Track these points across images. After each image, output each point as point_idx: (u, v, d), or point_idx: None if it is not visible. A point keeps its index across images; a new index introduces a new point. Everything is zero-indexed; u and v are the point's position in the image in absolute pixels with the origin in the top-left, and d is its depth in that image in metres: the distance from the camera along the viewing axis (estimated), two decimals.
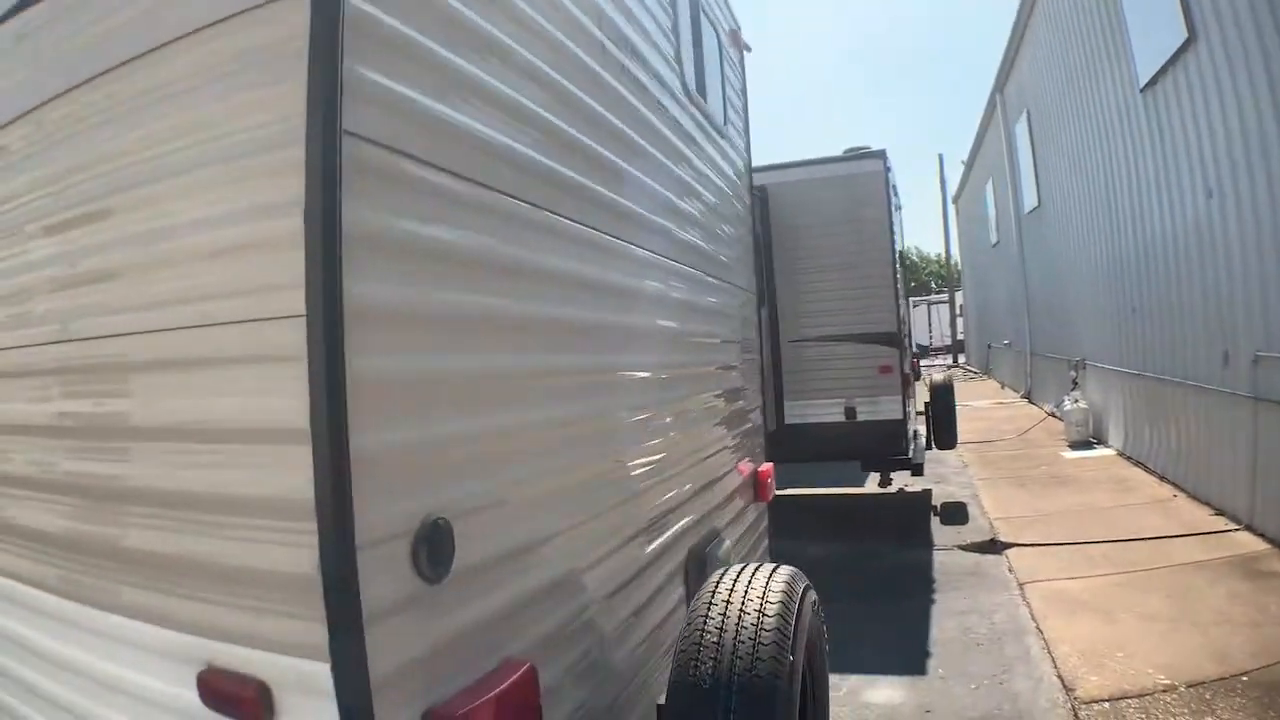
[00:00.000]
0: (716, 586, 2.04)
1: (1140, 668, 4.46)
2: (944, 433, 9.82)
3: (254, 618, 1.33)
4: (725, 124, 3.94)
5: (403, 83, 1.37)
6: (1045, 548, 7.08)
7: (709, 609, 1.96)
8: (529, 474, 1.71)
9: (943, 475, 10.56)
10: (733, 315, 3.79)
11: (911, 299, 47.17)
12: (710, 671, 1.83)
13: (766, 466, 4.22)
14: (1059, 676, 4.48)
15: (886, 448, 8.03)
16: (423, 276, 1.40)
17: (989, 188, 22.44)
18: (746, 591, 1.99)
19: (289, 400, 1.24)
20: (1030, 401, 17.41)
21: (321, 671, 1.23)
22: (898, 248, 9.28)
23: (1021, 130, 16.82)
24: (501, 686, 1.46)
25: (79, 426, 1.69)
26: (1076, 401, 11.77)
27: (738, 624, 1.90)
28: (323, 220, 1.21)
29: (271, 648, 1.31)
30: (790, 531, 8.19)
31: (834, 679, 4.37)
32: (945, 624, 5.55)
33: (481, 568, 1.54)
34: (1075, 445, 11.33)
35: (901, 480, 9.37)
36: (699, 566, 2.90)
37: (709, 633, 1.90)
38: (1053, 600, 5.75)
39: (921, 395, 10.44)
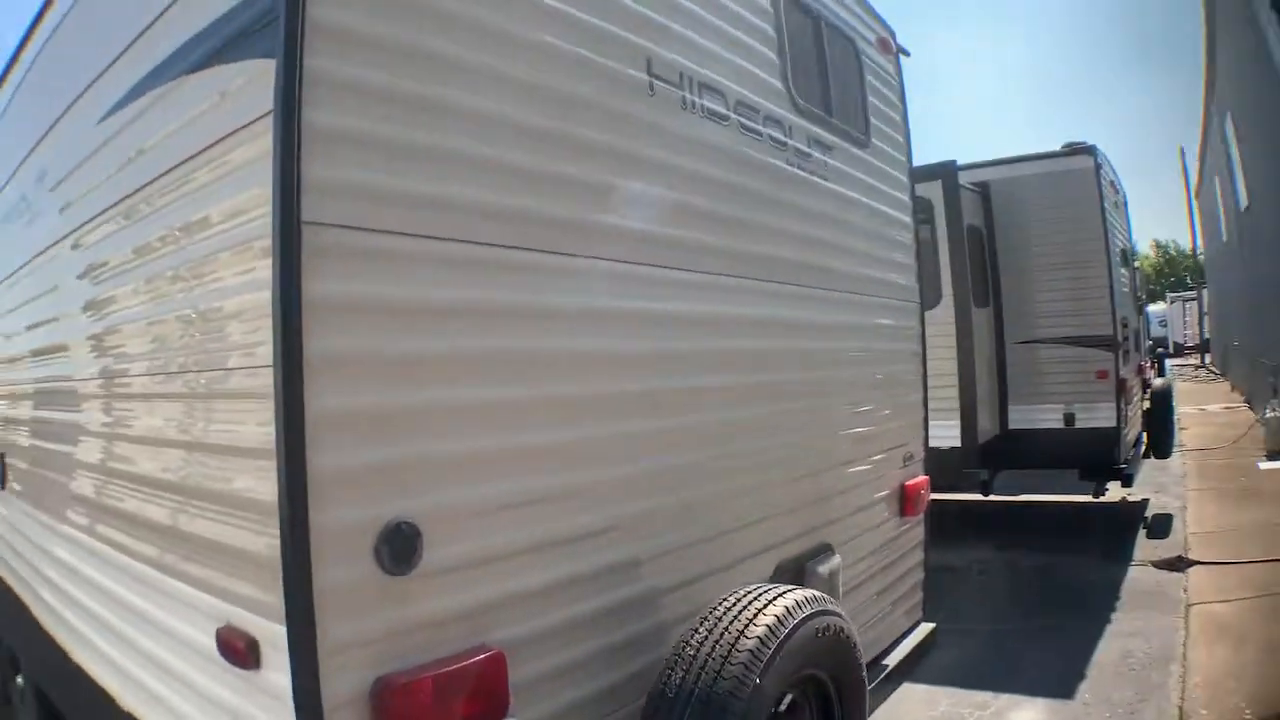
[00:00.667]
0: (720, 604, 2.25)
1: (1237, 702, 4.53)
2: (1161, 441, 9.34)
3: (249, 588, 1.80)
4: (868, 135, 4.01)
5: (361, 171, 1.75)
6: (1218, 566, 7.08)
7: (701, 624, 2.18)
8: (513, 490, 2.04)
9: (1163, 484, 10.46)
10: (867, 328, 3.86)
11: (1168, 295, 42.97)
12: (678, 682, 2.07)
13: (917, 480, 4.23)
14: (1179, 709, 4.60)
15: (1100, 456, 7.87)
16: (379, 326, 1.78)
17: (1216, 183, 20.90)
18: (741, 612, 2.18)
19: (262, 427, 1.68)
20: (1250, 407, 16.78)
21: (282, 633, 1.66)
22: (1119, 245, 8.77)
23: (1229, 129, 15.22)
24: (453, 666, 1.81)
25: (131, 436, 2.43)
26: (1275, 410, 11.17)
27: (716, 641, 2.11)
28: (282, 296, 1.63)
29: (257, 611, 1.76)
30: (995, 539, 8.41)
31: (985, 697, 5.19)
32: (1109, 646, 5.75)
33: (455, 567, 1.90)
34: (1272, 455, 10.75)
35: (1125, 491, 9.26)
36: (795, 579, 3.08)
37: (690, 646, 2.13)
38: (1205, 625, 5.84)
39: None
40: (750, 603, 2.22)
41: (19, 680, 4.73)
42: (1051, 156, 8.25)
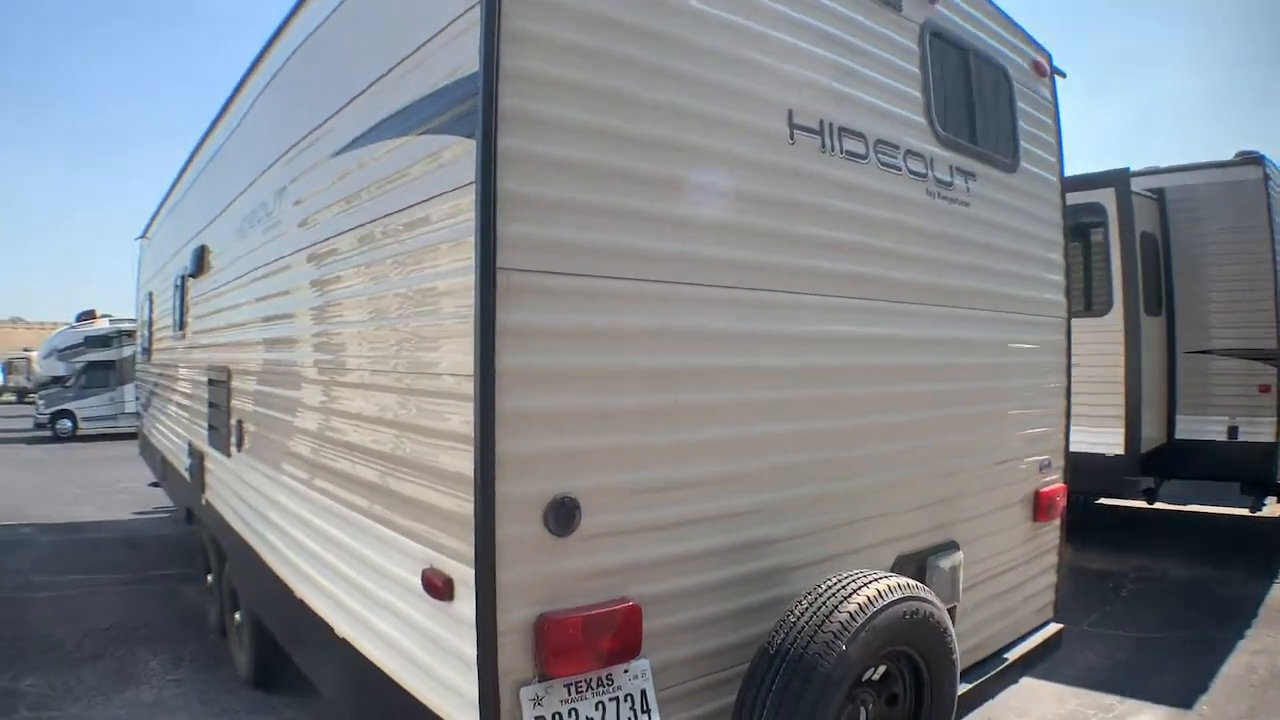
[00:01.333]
0: (824, 583, 2.70)
1: None
2: None
3: (448, 539, 2.40)
4: (1016, 159, 4.27)
5: (542, 228, 2.30)
6: None
7: (805, 598, 2.64)
8: (655, 477, 2.56)
9: None
10: (1005, 344, 4.14)
11: None
12: (779, 643, 2.54)
13: (1053, 488, 4.48)
14: None
15: (1260, 471, 7.96)
16: (551, 346, 2.33)
17: None
18: (839, 591, 2.63)
19: (464, 421, 2.27)
20: None
21: (471, 574, 2.25)
22: None
23: None
24: (596, 610, 2.36)
25: (349, 413, 3.20)
26: None
27: (814, 613, 2.56)
28: (481, 324, 2.20)
29: (454, 557, 2.36)
30: (1153, 548, 8.59)
31: (1112, 700, 5.53)
32: (1237, 661, 6.02)
33: (605, 534, 2.43)
34: None
35: None
36: (916, 571, 3.48)
37: (793, 615, 2.59)
38: None
39: None
40: (848, 584, 2.66)
41: (237, 616, 5.69)
42: (1222, 165, 8.17)
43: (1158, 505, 9.67)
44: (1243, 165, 8.17)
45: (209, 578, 6.80)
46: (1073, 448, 7.48)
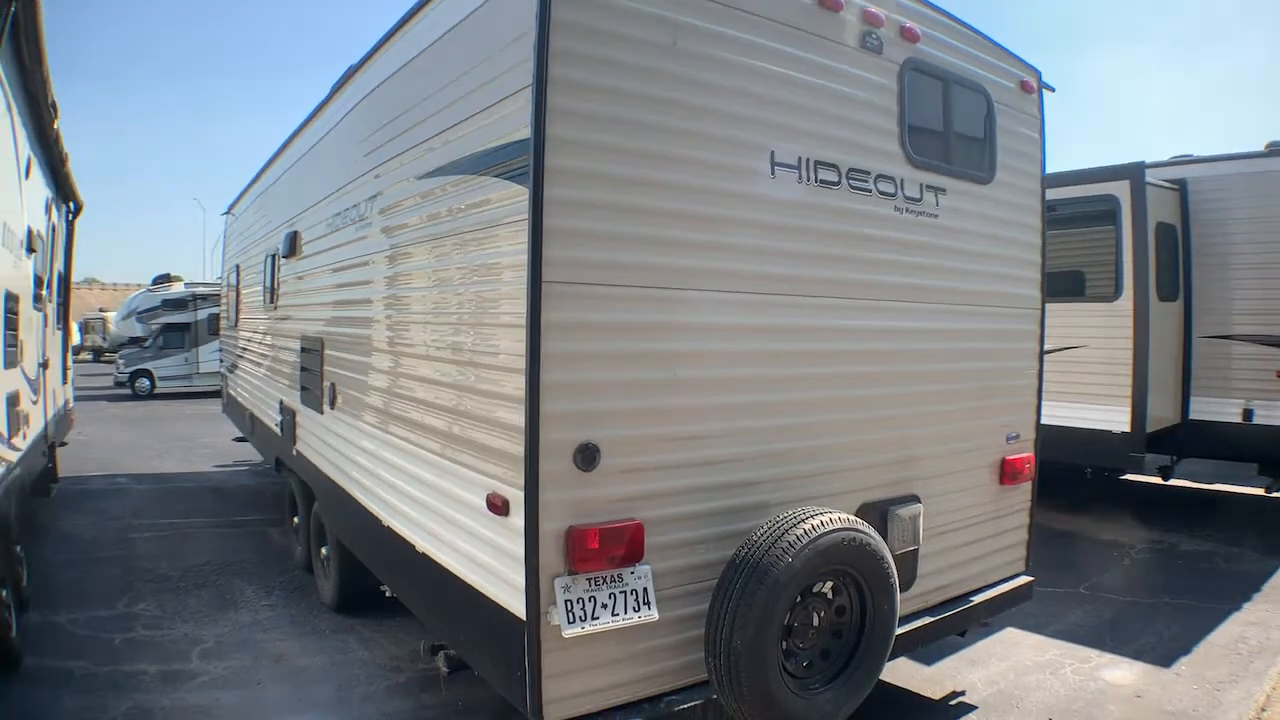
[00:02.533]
0: (782, 514, 3.69)
1: None
2: None
3: (505, 471, 3.46)
4: (992, 172, 5.13)
5: (577, 250, 3.32)
6: None
7: (766, 524, 3.63)
8: (660, 431, 3.58)
9: None
10: (972, 332, 5.01)
11: None
12: (743, 556, 3.54)
13: (1020, 457, 5.37)
14: (1267, 695, 5.30)
15: (1275, 453, 8.64)
16: (581, 335, 3.35)
17: None
18: (792, 520, 3.62)
19: (516, 388, 3.32)
20: None
21: (521, 497, 3.30)
22: None
23: None
24: (610, 526, 3.40)
25: (426, 378, 4.23)
26: None
27: (771, 534, 3.56)
28: (530, 321, 3.24)
29: (509, 484, 3.41)
30: (1166, 522, 9.30)
31: (1091, 653, 6.08)
32: (1227, 630, 6.59)
33: (619, 472, 3.46)
34: None
35: None
36: (878, 518, 4.44)
37: (755, 535, 3.59)
38: None
39: None
40: (799, 515, 3.64)
41: (324, 550, 6.88)
42: (1250, 156, 8.78)
43: (1181, 482, 10.40)
44: (1270, 157, 8.82)
45: (295, 519, 8.05)
46: (1082, 424, 8.45)
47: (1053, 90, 5.73)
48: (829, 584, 3.83)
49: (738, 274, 3.84)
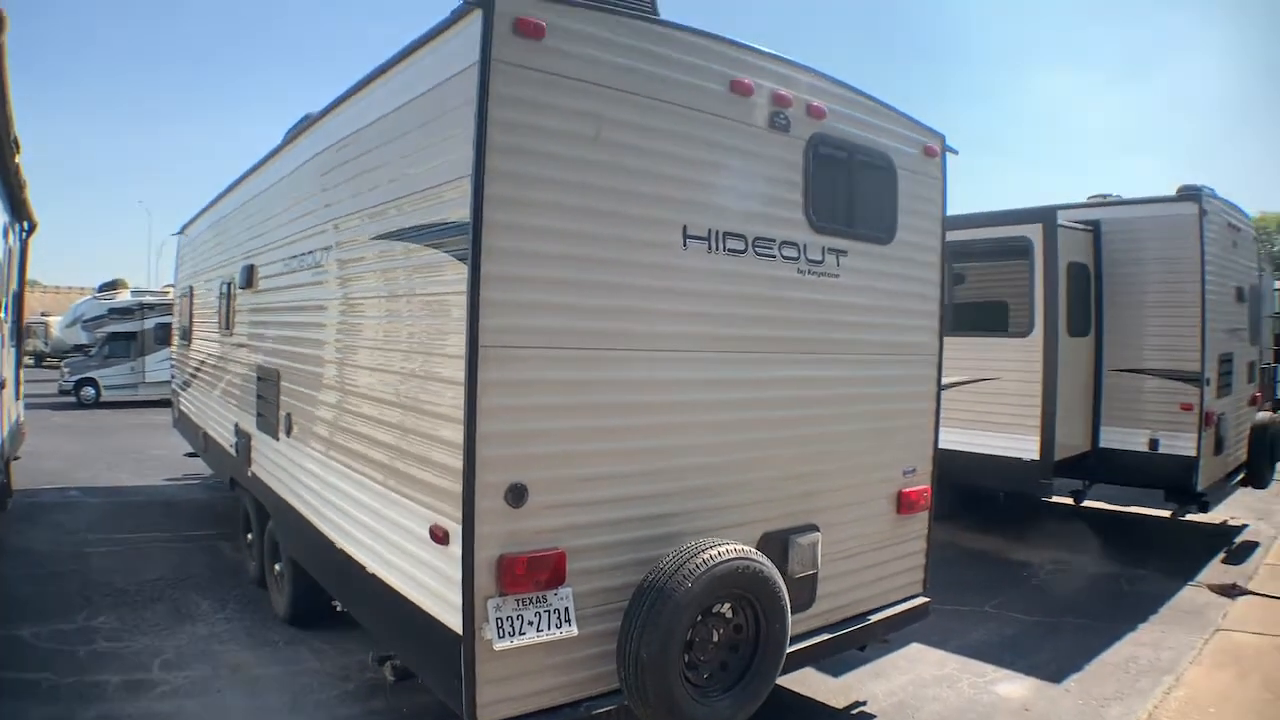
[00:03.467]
0: (686, 544, 4.34)
1: None
2: (1257, 474, 10.56)
3: (446, 506, 4.09)
4: (893, 233, 5.85)
5: (507, 319, 3.97)
6: (1271, 600, 8.18)
7: (672, 553, 4.29)
8: (580, 472, 4.22)
9: (1271, 511, 12.02)
10: (869, 378, 5.71)
11: None
12: (650, 581, 4.20)
13: (916, 489, 6.09)
14: (1148, 714, 5.85)
15: (1179, 481, 9.42)
16: (511, 391, 3.99)
17: None
18: (694, 550, 4.28)
19: (458, 436, 3.95)
20: None
21: (459, 530, 3.94)
22: (1232, 284, 10.13)
23: None
24: (536, 554, 4.04)
25: (377, 420, 4.65)
26: None
27: (674, 562, 4.23)
28: (469, 381, 3.88)
29: (449, 518, 4.05)
30: (1078, 544, 10.10)
31: (988, 669, 6.73)
32: (1120, 650, 7.13)
33: (545, 507, 4.11)
34: None
35: (1227, 512, 11.13)
36: (779, 546, 5.13)
37: (662, 563, 4.24)
38: (1222, 651, 6.92)
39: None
40: (700, 546, 4.31)
41: (277, 566, 7.45)
42: (1160, 200, 9.63)
43: (1097, 504, 11.27)
44: (1179, 201, 9.69)
45: (249, 536, 8.59)
46: (994, 451, 9.26)
47: (956, 153, 6.46)
48: (727, 605, 4.49)
49: (654, 335, 4.51)
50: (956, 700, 6.20)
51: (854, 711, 6.01)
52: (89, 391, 26.25)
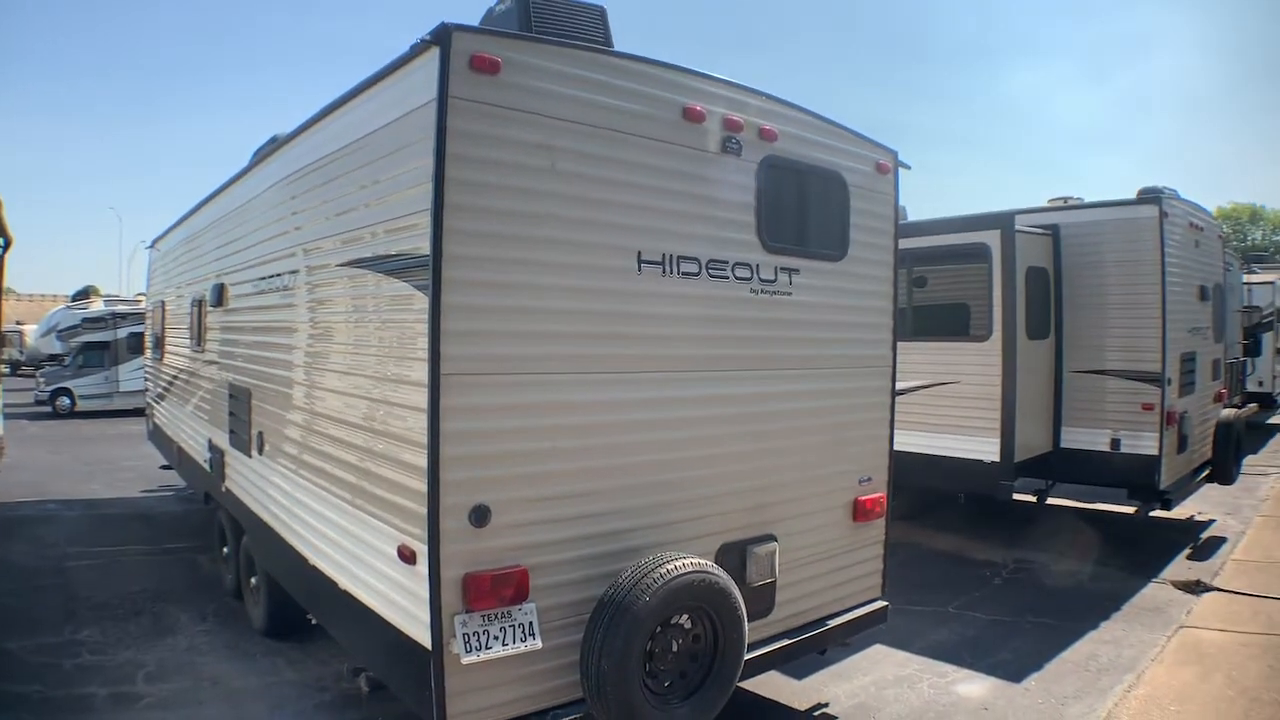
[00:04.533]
0: (645, 559, 4.54)
1: None
2: (1222, 471, 10.81)
3: (412, 527, 4.28)
4: (845, 249, 6.06)
5: (468, 347, 4.15)
6: (1236, 596, 8.28)
7: (630, 568, 4.49)
8: (540, 493, 4.42)
9: (1238, 507, 12.24)
10: (822, 391, 5.92)
11: None
12: (609, 595, 4.40)
13: (871, 496, 6.31)
14: (1108, 711, 6.03)
15: (1141, 480, 9.67)
16: (474, 415, 4.18)
17: None
18: (652, 565, 4.48)
19: (421, 460, 4.14)
20: None
21: (425, 549, 4.13)
22: (1194, 283, 10.48)
23: None
24: (500, 572, 4.24)
25: (347, 444, 4.84)
26: None
27: (633, 577, 4.42)
28: (431, 407, 4.07)
29: (416, 538, 4.24)
30: (1042, 543, 10.41)
31: (949, 669, 6.89)
32: (1080, 648, 7.30)
33: (508, 526, 4.30)
34: None
35: (1195, 507, 11.48)
36: (738, 556, 5.34)
37: (621, 577, 4.45)
38: (1185, 648, 7.08)
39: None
40: (658, 560, 4.51)
41: (253, 580, 7.60)
42: (1120, 204, 9.90)
43: (1063, 501, 11.53)
44: (1141, 204, 9.94)
45: (225, 550, 8.74)
46: (955, 454, 9.51)
47: (909, 168, 6.68)
48: (685, 616, 4.70)
49: (611, 357, 4.71)
50: (917, 701, 6.41)
51: (816, 713, 6.23)
52: (65, 401, 26.25)
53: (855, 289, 6.17)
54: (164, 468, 12.87)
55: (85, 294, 28.77)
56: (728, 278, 5.26)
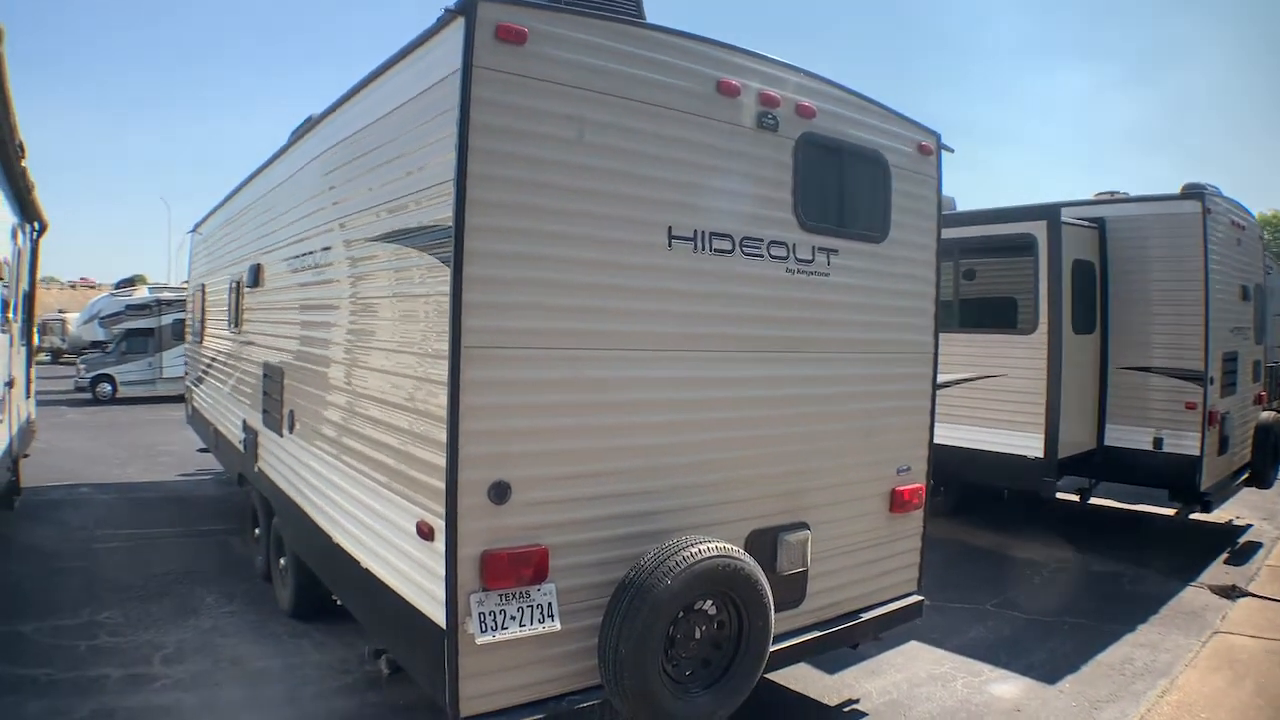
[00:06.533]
0: (667, 542, 4.43)
1: None
2: (1260, 474, 10.57)
3: (431, 503, 4.19)
4: (886, 231, 5.90)
5: (489, 320, 4.06)
6: (1271, 602, 8.16)
7: (654, 551, 4.37)
8: (562, 470, 4.31)
9: (1274, 512, 12.05)
10: (861, 376, 5.77)
11: None
12: (630, 579, 4.29)
13: (910, 487, 6.15)
14: (1140, 717, 5.89)
15: (1182, 480, 9.42)
16: (495, 390, 4.08)
17: None
18: (675, 548, 4.36)
19: (441, 434, 4.06)
20: None
21: (444, 525, 4.05)
22: (1236, 282, 10.09)
23: None
24: (519, 550, 4.14)
25: (370, 419, 4.72)
26: None
27: (655, 560, 4.31)
28: (451, 381, 3.99)
29: (434, 514, 4.15)
30: (1083, 542, 10.12)
31: (984, 668, 6.78)
32: (1117, 650, 7.14)
33: (528, 504, 4.21)
34: None
35: (1233, 511, 11.20)
36: (769, 544, 5.21)
37: (643, 561, 4.33)
38: (1219, 654, 6.92)
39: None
40: (681, 543, 4.39)
41: (282, 561, 7.59)
42: (1164, 199, 9.63)
43: (1105, 501, 11.28)
44: (1183, 199, 9.70)
45: (256, 531, 8.74)
46: (998, 449, 9.31)
47: (952, 151, 6.50)
48: (709, 602, 4.57)
49: (638, 334, 4.60)
50: (949, 700, 6.25)
51: (846, 709, 6.07)
52: (106, 388, 26.65)
53: (896, 272, 6.01)
54: (201, 451, 12.95)
55: (130, 282, 29.19)
56: (763, 256, 5.12)
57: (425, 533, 4.25)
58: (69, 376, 28.65)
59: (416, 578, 4.41)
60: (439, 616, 4.13)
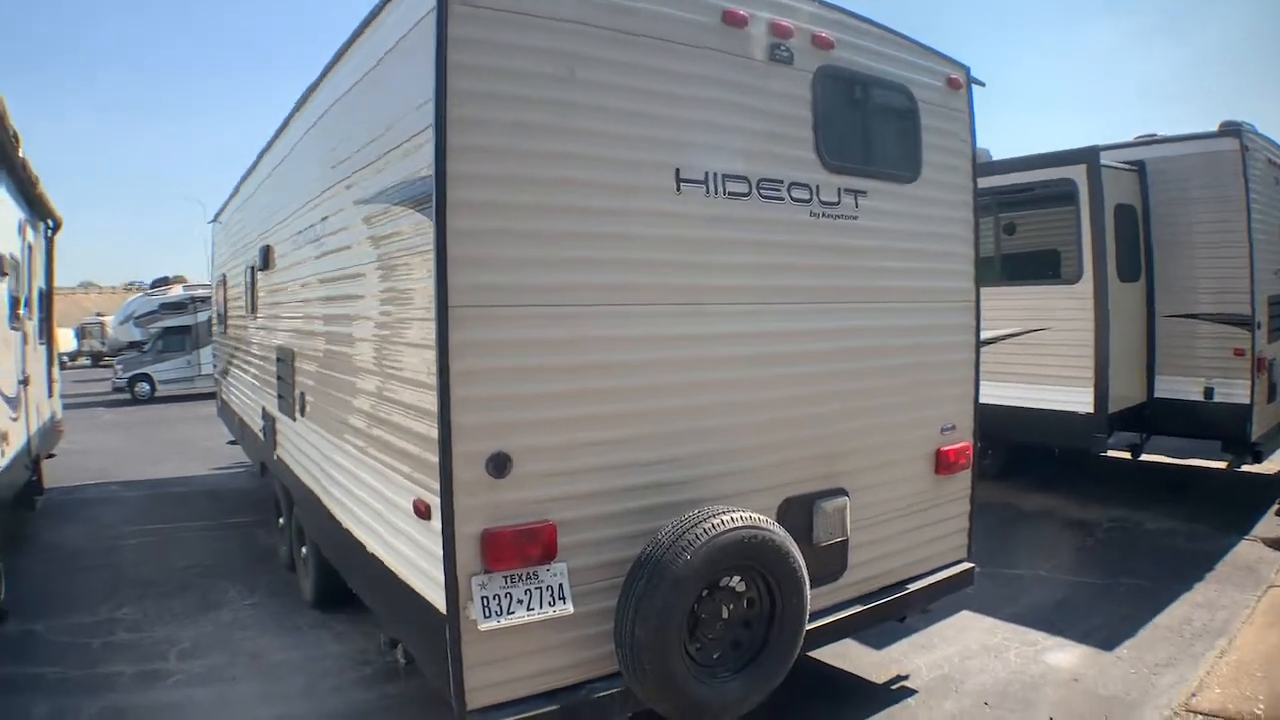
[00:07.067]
0: (687, 514, 3.99)
1: (1254, 690, 5.31)
2: None
3: (426, 479, 3.80)
4: (917, 171, 5.40)
5: (476, 276, 3.65)
6: None
7: (672, 524, 3.95)
8: (565, 439, 3.90)
9: None
10: (898, 328, 5.27)
11: None
12: (647, 555, 3.87)
13: (955, 446, 5.65)
14: (1199, 680, 5.49)
15: (1234, 431, 8.93)
16: (486, 352, 3.68)
17: None
18: (696, 520, 3.93)
19: (431, 403, 3.66)
20: None
21: (439, 503, 3.65)
22: (1276, 224, 9.44)
23: None
24: (523, 527, 3.74)
25: (368, 393, 4.46)
26: None
27: (673, 534, 3.88)
28: (439, 343, 3.58)
29: (430, 491, 3.76)
30: (1136, 499, 9.61)
31: (1039, 636, 6.35)
32: (1175, 611, 6.74)
33: (532, 477, 3.80)
34: None
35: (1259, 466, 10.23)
36: (804, 512, 4.77)
37: (660, 535, 3.91)
38: (1273, 608, 6.59)
39: None
40: (702, 514, 3.96)
41: (304, 551, 7.27)
42: (1202, 137, 9.05)
43: (1155, 458, 10.73)
44: (1220, 137, 9.09)
45: (280, 520, 8.45)
46: (1046, 405, 8.78)
47: (983, 85, 5.97)
48: (737, 578, 4.14)
49: (644, 287, 4.16)
50: (1003, 671, 5.81)
51: (894, 686, 5.64)
52: (144, 387, 26.75)
53: (931, 214, 5.50)
54: (231, 443, 12.72)
55: (165, 281, 29.19)
56: (783, 199, 4.66)
57: (422, 511, 3.87)
58: (108, 379, 28.76)
59: (417, 560, 4.05)
60: (439, 601, 3.76)
